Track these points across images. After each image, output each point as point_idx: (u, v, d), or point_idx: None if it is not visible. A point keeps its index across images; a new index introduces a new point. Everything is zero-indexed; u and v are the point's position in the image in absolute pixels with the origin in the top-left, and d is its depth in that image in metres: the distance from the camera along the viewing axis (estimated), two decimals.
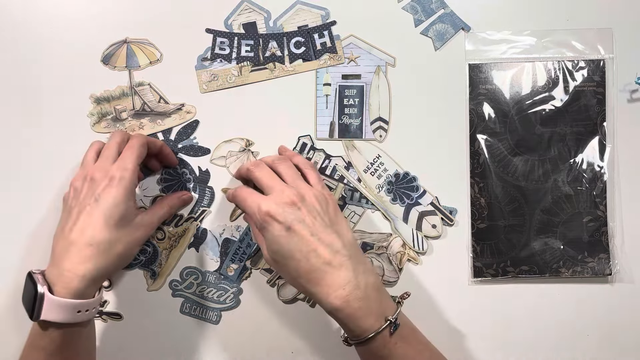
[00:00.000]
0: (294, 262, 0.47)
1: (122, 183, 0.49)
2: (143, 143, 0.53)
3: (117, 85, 0.58)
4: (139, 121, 0.58)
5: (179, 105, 0.59)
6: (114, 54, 0.58)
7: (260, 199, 0.48)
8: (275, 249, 0.47)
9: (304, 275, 0.47)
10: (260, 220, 0.47)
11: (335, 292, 0.46)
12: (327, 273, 0.46)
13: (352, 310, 0.46)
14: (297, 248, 0.46)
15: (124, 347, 0.59)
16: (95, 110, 0.58)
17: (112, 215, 0.48)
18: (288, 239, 0.46)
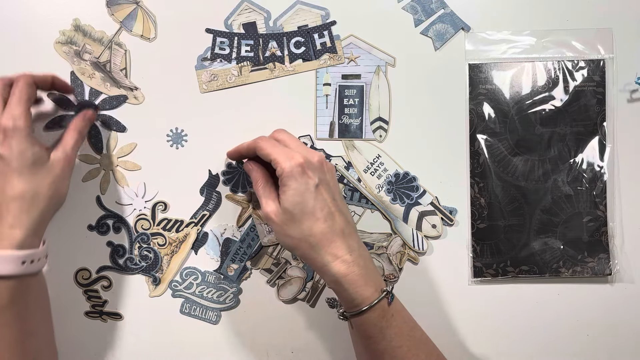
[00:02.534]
0: (311, 220, 0.47)
1: (17, 132, 0.47)
2: (29, 82, 0.51)
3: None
4: (93, 70, 0.58)
5: (133, 86, 0.59)
6: (120, 5, 0.59)
7: (291, 151, 0.49)
8: (298, 201, 0.47)
9: (317, 234, 0.47)
10: (291, 170, 0.47)
11: (342, 257, 0.47)
12: (338, 238, 0.48)
13: (355, 277, 0.47)
14: (320, 207, 0.47)
15: (123, 347, 0.59)
16: (68, 33, 0.58)
17: (23, 165, 0.47)
18: (315, 195, 0.47)
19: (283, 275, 0.59)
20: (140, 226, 0.59)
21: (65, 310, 0.58)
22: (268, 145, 0.50)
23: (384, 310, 0.48)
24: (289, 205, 0.47)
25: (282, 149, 0.49)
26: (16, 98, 0.49)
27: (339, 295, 0.49)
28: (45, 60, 0.58)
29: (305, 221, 0.47)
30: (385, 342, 0.48)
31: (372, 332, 0.48)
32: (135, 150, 0.59)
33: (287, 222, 0.48)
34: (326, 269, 0.47)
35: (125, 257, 0.59)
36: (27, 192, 0.47)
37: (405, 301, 0.56)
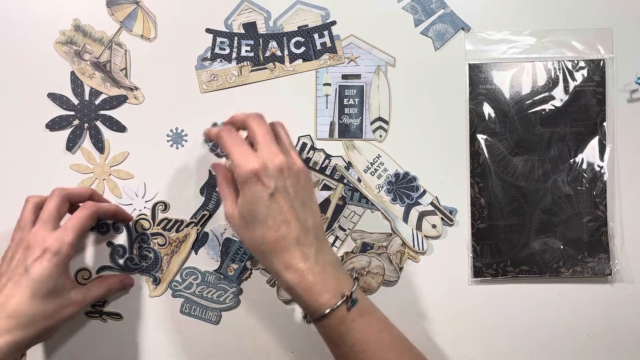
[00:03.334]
0: (264, 229, 0.46)
1: (55, 257, 0.46)
2: (92, 215, 0.51)
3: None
4: (93, 70, 0.58)
5: (133, 86, 0.59)
6: (120, 5, 0.59)
7: (249, 153, 0.46)
8: (249, 209, 0.46)
9: (269, 242, 0.46)
10: (245, 176, 0.45)
11: (294, 265, 0.46)
12: (292, 246, 0.46)
13: (308, 284, 0.46)
14: (272, 215, 0.46)
15: (124, 347, 0.59)
16: (68, 33, 0.58)
17: (41, 289, 0.46)
18: (268, 204, 0.46)
19: None
20: (140, 226, 0.59)
21: None
22: (230, 141, 0.48)
23: (342, 316, 0.47)
24: (242, 211, 0.47)
25: (242, 149, 0.47)
26: (74, 224, 0.49)
27: (296, 301, 0.48)
28: (45, 60, 0.58)
29: (258, 229, 0.46)
30: (347, 347, 0.47)
31: (332, 337, 0.48)
32: (134, 150, 0.59)
33: (242, 227, 0.47)
34: (279, 277, 0.47)
35: (126, 257, 0.59)
36: (28, 316, 0.45)
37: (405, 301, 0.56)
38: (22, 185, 0.58)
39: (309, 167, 0.59)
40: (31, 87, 0.58)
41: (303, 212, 0.48)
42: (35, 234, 0.48)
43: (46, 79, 0.58)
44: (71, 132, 0.59)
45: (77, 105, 0.59)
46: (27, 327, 0.45)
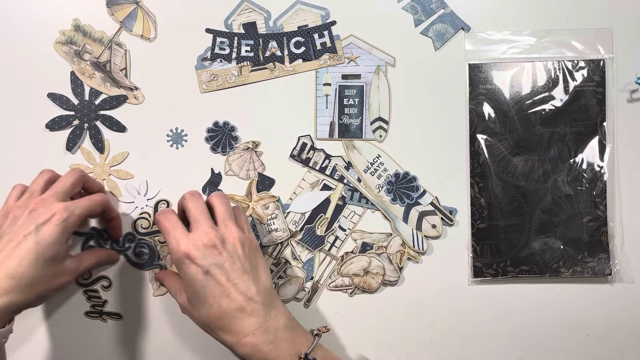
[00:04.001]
0: (206, 307, 0.47)
1: (63, 224, 0.47)
2: (103, 203, 0.52)
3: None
4: (93, 70, 0.58)
5: (133, 86, 0.59)
6: (120, 5, 0.59)
7: (182, 236, 0.48)
8: (190, 291, 0.47)
9: (214, 320, 0.47)
10: (178, 260, 0.47)
11: (244, 338, 0.46)
12: (237, 319, 0.46)
13: (262, 355, 0.46)
14: (211, 292, 0.46)
15: (125, 347, 0.59)
16: (68, 33, 0.58)
17: (44, 253, 0.46)
18: (204, 282, 0.46)
19: (283, 274, 0.59)
20: (140, 225, 0.59)
21: (65, 310, 0.58)
22: (165, 225, 0.49)
23: None
24: (187, 295, 0.48)
25: (176, 233, 0.48)
26: (86, 202, 0.50)
27: None
28: (45, 60, 0.58)
29: (202, 309, 0.47)
30: None
31: None
32: (134, 150, 0.59)
33: (191, 310, 0.49)
34: (233, 350, 0.47)
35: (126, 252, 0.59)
36: (28, 278, 0.45)
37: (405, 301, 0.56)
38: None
39: (309, 167, 0.59)
40: (31, 87, 0.58)
41: (243, 281, 0.47)
42: (44, 201, 0.48)
43: (46, 79, 0.58)
44: (71, 132, 0.59)
45: (77, 105, 0.59)
46: (25, 290, 0.45)
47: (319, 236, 0.59)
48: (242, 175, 0.59)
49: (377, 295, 0.59)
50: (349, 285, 0.59)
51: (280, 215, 0.59)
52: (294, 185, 0.59)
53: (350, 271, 0.59)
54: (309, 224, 0.59)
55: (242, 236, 0.49)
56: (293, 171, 0.59)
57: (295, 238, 0.59)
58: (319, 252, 0.59)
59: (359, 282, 0.59)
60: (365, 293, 0.59)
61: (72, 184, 0.51)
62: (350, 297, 0.59)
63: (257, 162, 0.59)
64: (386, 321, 0.59)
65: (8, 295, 0.45)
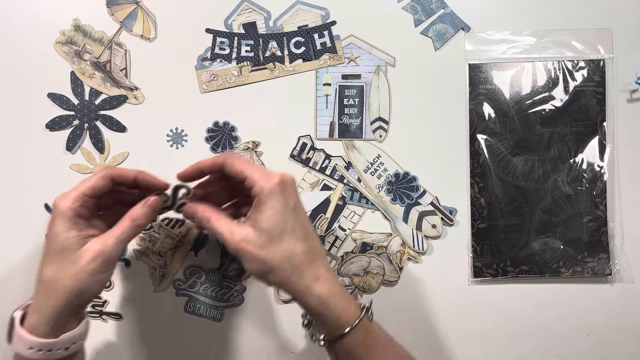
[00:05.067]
0: (292, 240, 0.45)
1: (60, 214, 0.45)
2: (104, 175, 0.47)
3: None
4: (93, 70, 0.58)
5: (133, 86, 0.59)
6: (120, 5, 0.59)
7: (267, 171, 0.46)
8: (278, 220, 0.45)
9: (299, 254, 0.45)
10: (271, 187, 0.44)
11: (323, 276, 0.46)
12: (318, 259, 0.46)
13: (338, 296, 0.46)
14: (300, 226, 0.46)
15: (128, 346, 0.59)
16: (68, 33, 0.58)
17: (52, 249, 0.45)
18: (294, 214, 0.45)
19: None
20: None
21: None
22: (241, 162, 0.47)
23: (366, 327, 0.46)
24: (268, 225, 0.44)
25: (257, 167, 0.47)
26: (82, 185, 0.47)
27: (322, 317, 0.46)
28: (45, 60, 0.58)
29: (287, 240, 0.45)
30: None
31: (359, 353, 0.46)
32: (134, 151, 0.59)
33: (265, 245, 0.44)
34: (309, 290, 0.45)
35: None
36: (50, 278, 0.45)
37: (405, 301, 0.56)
38: (22, 185, 0.58)
39: (309, 167, 0.59)
40: (31, 87, 0.58)
41: (312, 227, 0.48)
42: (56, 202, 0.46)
43: (46, 79, 0.58)
44: (71, 132, 0.59)
45: (77, 105, 0.59)
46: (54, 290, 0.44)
47: (319, 236, 0.59)
48: None
49: (377, 295, 0.59)
50: (349, 285, 0.59)
51: None
52: None
53: (350, 271, 0.59)
54: None
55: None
56: (293, 171, 0.59)
57: None
58: None
59: (359, 282, 0.59)
60: (365, 293, 0.59)
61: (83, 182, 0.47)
62: None
63: (257, 162, 0.59)
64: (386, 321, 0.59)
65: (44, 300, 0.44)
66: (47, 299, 0.44)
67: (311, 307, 0.45)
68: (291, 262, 0.45)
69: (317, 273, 0.45)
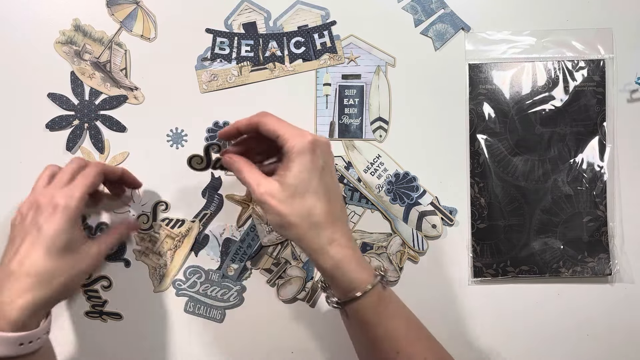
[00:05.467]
0: (314, 198, 0.45)
1: (65, 211, 0.47)
2: (98, 172, 0.51)
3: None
4: (93, 70, 0.58)
5: (133, 86, 0.59)
6: (120, 5, 0.59)
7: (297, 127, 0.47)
8: (304, 177, 0.45)
9: (319, 214, 0.45)
10: (302, 145, 0.45)
11: (339, 239, 0.46)
12: (338, 221, 0.47)
13: (353, 260, 0.46)
14: (324, 187, 0.46)
15: (125, 347, 0.59)
16: (68, 33, 0.58)
17: (54, 245, 0.46)
18: (321, 174, 0.46)
19: (283, 275, 0.59)
20: (141, 221, 0.59)
21: (65, 310, 0.58)
22: (275, 120, 0.47)
23: (380, 293, 0.47)
24: (293, 181, 0.45)
25: (291, 126, 0.47)
26: (80, 180, 0.49)
27: (336, 280, 0.46)
28: (45, 60, 0.58)
29: (309, 198, 0.45)
30: (383, 327, 0.46)
31: (369, 318, 0.47)
32: (134, 151, 0.59)
33: (286, 200, 0.45)
34: (324, 251, 0.46)
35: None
36: (46, 272, 0.45)
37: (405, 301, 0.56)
38: (22, 185, 0.58)
39: None
40: (31, 87, 0.58)
41: (340, 190, 0.49)
42: (45, 193, 0.48)
43: (46, 79, 0.58)
44: (71, 132, 0.59)
45: (77, 105, 0.59)
46: (47, 284, 0.45)
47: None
48: None
49: None
50: None
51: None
52: None
53: None
54: None
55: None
56: None
57: None
58: None
59: None
60: None
61: (71, 172, 0.50)
62: None
63: None
64: None
65: (30, 293, 0.45)
66: (37, 292, 0.45)
67: (325, 269, 0.46)
68: (309, 220, 0.45)
69: (334, 236, 0.46)
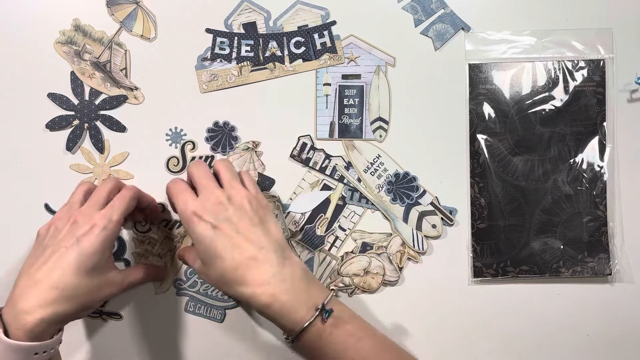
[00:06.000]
0: (219, 261, 0.47)
1: (103, 233, 0.47)
2: (134, 196, 0.52)
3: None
4: (93, 70, 0.58)
5: (133, 86, 0.59)
6: (120, 5, 0.59)
7: (190, 198, 0.49)
8: (202, 249, 0.47)
9: (229, 273, 0.46)
10: (186, 219, 0.48)
11: (260, 287, 0.46)
12: (251, 268, 0.46)
13: (280, 305, 0.46)
14: (222, 246, 0.47)
15: (128, 346, 0.59)
16: (68, 33, 0.58)
17: (86, 263, 0.47)
18: (213, 237, 0.47)
19: None
20: (139, 224, 0.59)
21: None
22: (174, 190, 0.50)
23: (319, 329, 0.47)
24: (199, 255, 0.48)
25: (184, 197, 0.49)
26: (118, 204, 0.50)
27: (273, 321, 0.48)
28: (45, 60, 0.58)
29: (216, 264, 0.47)
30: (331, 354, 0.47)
31: (313, 354, 0.47)
32: (134, 151, 0.59)
33: (205, 270, 0.49)
34: (251, 302, 0.47)
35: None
36: (71, 288, 0.46)
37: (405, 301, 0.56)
38: (22, 185, 0.58)
39: (309, 167, 0.59)
40: (31, 87, 0.58)
41: (253, 232, 0.48)
42: (83, 212, 0.49)
43: (46, 79, 0.58)
44: (71, 132, 0.59)
45: (77, 105, 0.59)
46: (70, 300, 0.46)
47: (319, 236, 0.59)
48: None
49: (377, 295, 0.59)
50: (349, 285, 0.59)
51: (280, 215, 0.59)
52: (294, 185, 0.59)
53: (350, 271, 0.59)
54: (309, 224, 0.59)
55: (249, 194, 0.50)
56: (293, 171, 0.59)
57: (295, 238, 0.59)
58: (319, 252, 0.59)
59: (359, 282, 0.59)
60: (365, 293, 0.59)
61: (108, 192, 0.51)
62: (350, 297, 0.59)
63: (257, 162, 0.59)
64: (386, 321, 0.59)
65: (52, 306, 0.45)
66: (58, 306, 0.45)
67: (261, 313, 0.48)
68: (224, 281, 0.47)
69: (253, 285, 0.46)
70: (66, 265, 0.46)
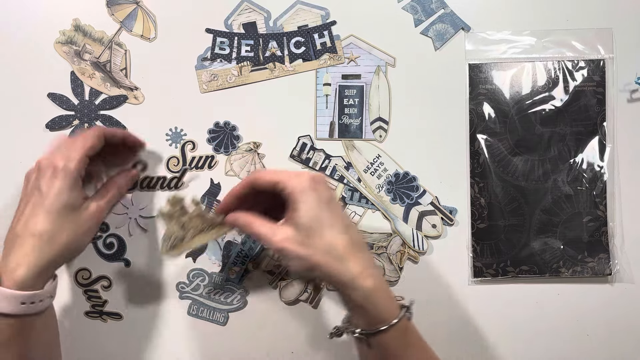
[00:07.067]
0: (332, 232, 0.45)
1: (64, 173, 0.47)
2: (98, 134, 0.51)
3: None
4: (93, 70, 0.58)
5: (133, 86, 0.59)
6: (120, 5, 0.59)
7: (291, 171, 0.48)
8: (314, 214, 0.45)
9: (340, 246, 0.45)
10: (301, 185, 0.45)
11: (367, 269, 0.45)
12: (360, 252, 0.46)
13: (383, 291, 0.45)
14: (336, 219, 0.46)
15: (125, 347, 0.59)
16: (68, 33, 0.58)
17: (54, 205, 0.47)
18: (329, 207, 0.46)
19: (285, 276, 0.59)
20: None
21: (65, 310, 0.58)
22: (268, 172, 0.48)
23: (406, 326, 0.46)
24: (306, 220, 0.45)
25: (284, 171, 0.48)
26: (79, 142, 0.50)
27: (364, 311, 0.45)
28: (46, 60, 0.58)
29: (326, 233, 0.45)
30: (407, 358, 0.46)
31: (394, 350, 0.45)
32: None
33: (304, 241, 0.45)
34: (355, 283, 0.44)
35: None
36: (47, 232, 0.46)
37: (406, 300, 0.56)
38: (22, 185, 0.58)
39: (309, 167, 0.59)
40: (31, 87, 0.58)
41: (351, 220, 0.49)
42: (46, 156, 0.49)
43: (46, 79, 0.58)
44: (71, 132, 0.59)
45: (77, 105, 0.59)
46: (49, 244, 0.46)
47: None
48: (243, 176, 0.59)
49: None
50: None
51: None
52: None
53: None
54: None
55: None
56: None
57: None
58: None
59: None
60: None
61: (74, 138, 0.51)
62: None
63: (258, 164, 0.59)
64: None
65: (34, 254, 0.46)
66: (40, 252, 0.46)
67: (355, 300, 0.45)
68: (333, 254, 0.45)
69: (362, 265, 0.45)
70: (36, 212, 0.47)
